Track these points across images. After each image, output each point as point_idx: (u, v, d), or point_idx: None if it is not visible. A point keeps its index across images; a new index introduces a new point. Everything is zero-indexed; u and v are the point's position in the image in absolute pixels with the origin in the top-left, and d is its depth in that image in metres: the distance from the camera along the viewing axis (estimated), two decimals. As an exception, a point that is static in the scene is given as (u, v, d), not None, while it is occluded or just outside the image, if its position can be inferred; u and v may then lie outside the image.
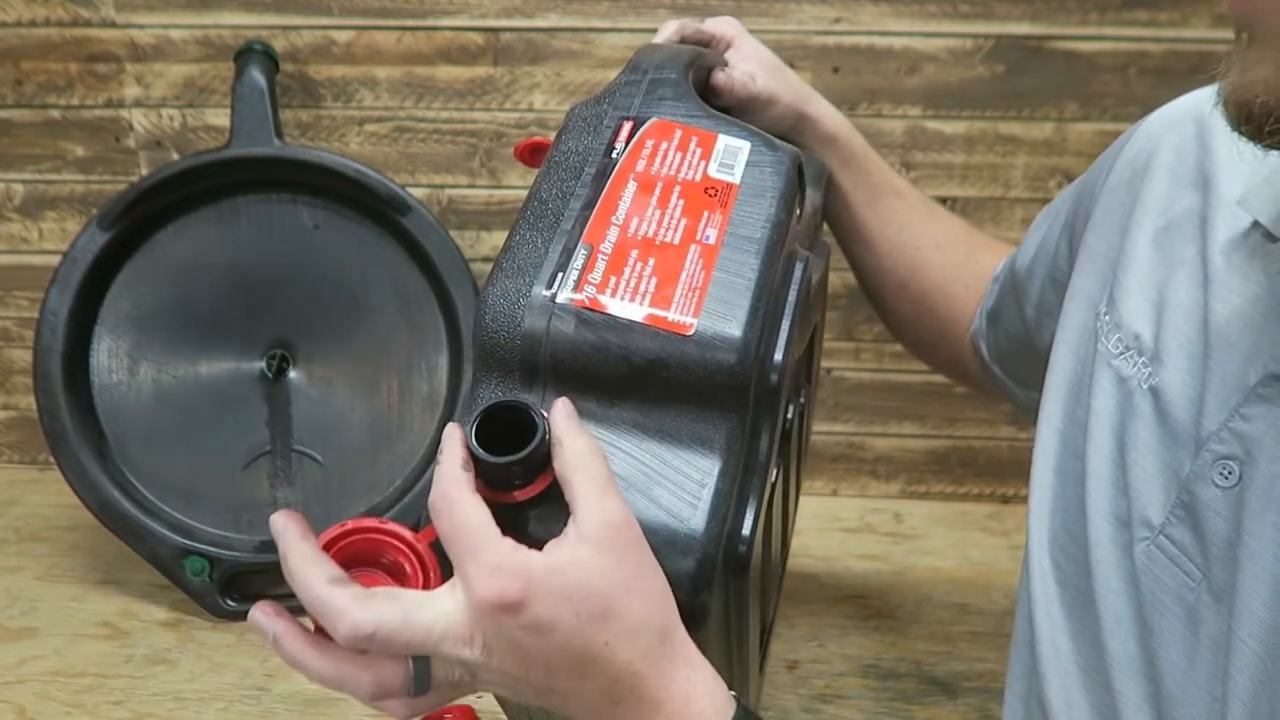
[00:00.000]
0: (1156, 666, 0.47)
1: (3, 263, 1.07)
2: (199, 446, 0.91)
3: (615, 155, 0.50)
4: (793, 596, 0.94)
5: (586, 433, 0.42)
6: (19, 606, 0.90)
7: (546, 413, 0.42)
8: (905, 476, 1.12)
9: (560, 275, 0.45)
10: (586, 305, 0.45)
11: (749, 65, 0.68)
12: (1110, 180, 0.58)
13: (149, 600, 0.91)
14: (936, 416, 1.09)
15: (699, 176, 0.49)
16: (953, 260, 0.75)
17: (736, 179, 0.50)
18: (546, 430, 0.41)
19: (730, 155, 0.51)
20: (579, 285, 0.45)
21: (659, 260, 0.46)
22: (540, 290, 0.45)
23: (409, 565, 0.42)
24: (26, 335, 1.07)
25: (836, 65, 0.98)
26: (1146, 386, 0.49)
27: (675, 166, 0.50)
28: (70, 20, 0.98)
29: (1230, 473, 0.45)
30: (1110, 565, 0.49)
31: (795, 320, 0.49)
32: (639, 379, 0.44)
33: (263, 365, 0.92)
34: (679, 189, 0.49)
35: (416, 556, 0.42)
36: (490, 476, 0.41)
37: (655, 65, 0.55)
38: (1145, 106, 0.60)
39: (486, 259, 1.03)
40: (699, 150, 0.50)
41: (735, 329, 0.44)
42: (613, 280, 0.45)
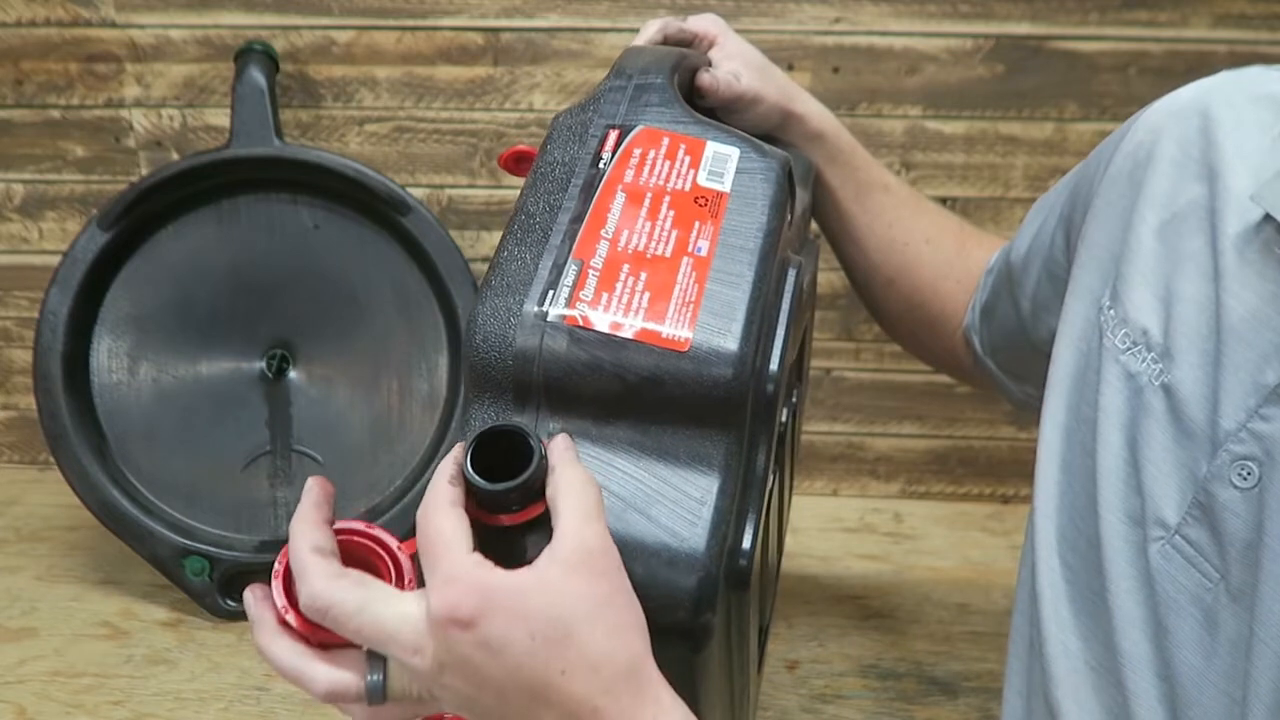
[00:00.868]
0: (1171, 666, 0.46)
1: (3, 263, 1.07)
2: (199, 446, 0.91)
3: (602, 166, 0.49)
4: (793, 596, 0.94)
5: (582, 465, 0.41)
6: (19, 606, 0.91)
7: (545, 440, 0.41)
8: (905, 476, 1.12)
9: (551, 293, 0.44)
10: (579, 323, 0.44)
11: (733, 64, 0.67)
12: (1110, 171, 0.57)
13: (149, 600, 0.91)
14: (936, 416, 1.09)
15: (688, 186, 0.48)
16: (943, 255, 0.74)
17: (726, 187, 0.49)
18: (543, 456, 0.40)
19: (719, 163, 0.50)
20: (570, 302, 0.44)
21: (651, 274, 0.45)
22: (531, 308, 0.44)
23: (385, 572, 0.42)
24: (26, 335, 1.08)
25: (836, 65, 0.98)
26: (1158, 384, 0.48)
27: (664, 176, 0.49)
28: (70, 20, 0.98)
29: (1249, 474, 0.44)
30: (1122, 564, 0.49)
31: (790, 328, 0.49)
32: (634, 396, 0.43)
33: (263, 365, 0.92)
34: (668, 199, 0.48)
35: (395, 564, 0.42)
36: (483, 499, 0.41)
37: (640, 70, 0.54)
38: (1145, 107, 0.59)
39: (486, 259, 1.03)
40: (687, 158, 0.49)
41: (731, 343, 0.43)
42: (605, 296, 0.44)
